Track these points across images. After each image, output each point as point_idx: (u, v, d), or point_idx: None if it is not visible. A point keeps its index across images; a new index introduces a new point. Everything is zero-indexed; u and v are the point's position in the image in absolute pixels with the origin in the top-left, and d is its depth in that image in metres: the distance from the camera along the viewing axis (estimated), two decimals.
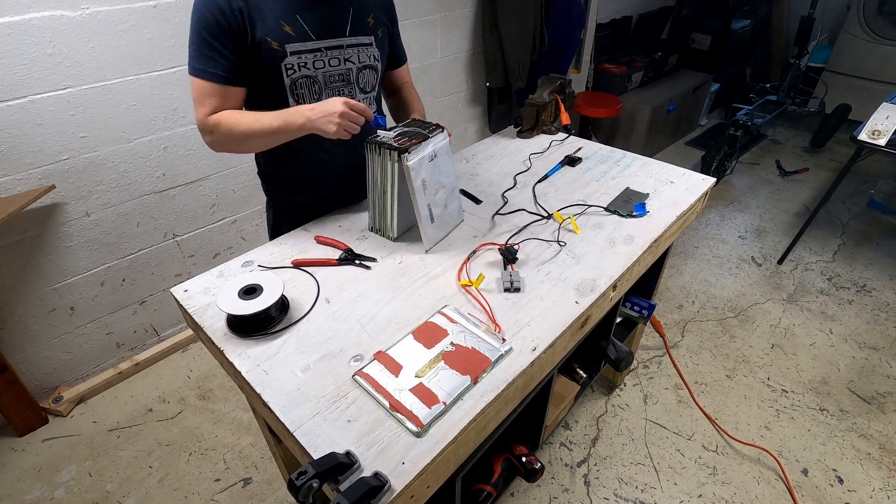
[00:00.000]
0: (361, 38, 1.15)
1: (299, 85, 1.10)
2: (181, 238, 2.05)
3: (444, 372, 0.83)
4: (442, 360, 0.85)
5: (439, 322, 0.93)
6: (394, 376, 0.82)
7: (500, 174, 1.48)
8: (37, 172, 1.62)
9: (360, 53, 1.16)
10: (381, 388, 0.80)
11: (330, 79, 1.14)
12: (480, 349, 0.87)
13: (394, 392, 0.80)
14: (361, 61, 1.17)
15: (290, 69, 1.07)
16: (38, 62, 1.50)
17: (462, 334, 0.90)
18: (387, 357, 0.86)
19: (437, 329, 0.92)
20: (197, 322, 0.98)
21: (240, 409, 1.92)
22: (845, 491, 1.65)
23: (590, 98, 3.34)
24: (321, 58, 1.10)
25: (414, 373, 0.83)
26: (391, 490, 0.68)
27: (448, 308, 0.96)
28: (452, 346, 0.88)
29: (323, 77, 1.12)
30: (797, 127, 4.28)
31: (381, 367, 0.84)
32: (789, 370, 2.08)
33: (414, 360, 0.85)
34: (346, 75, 1.16)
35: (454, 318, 0.94)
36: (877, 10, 3.72)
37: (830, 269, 2.64)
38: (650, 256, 1.23)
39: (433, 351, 0.87)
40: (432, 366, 0.84)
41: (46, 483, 1.68)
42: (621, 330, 1.76)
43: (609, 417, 1.90)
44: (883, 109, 2.34)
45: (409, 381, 0.82)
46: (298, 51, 1.07)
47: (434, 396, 0.79)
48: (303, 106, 1.04)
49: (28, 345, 1.82)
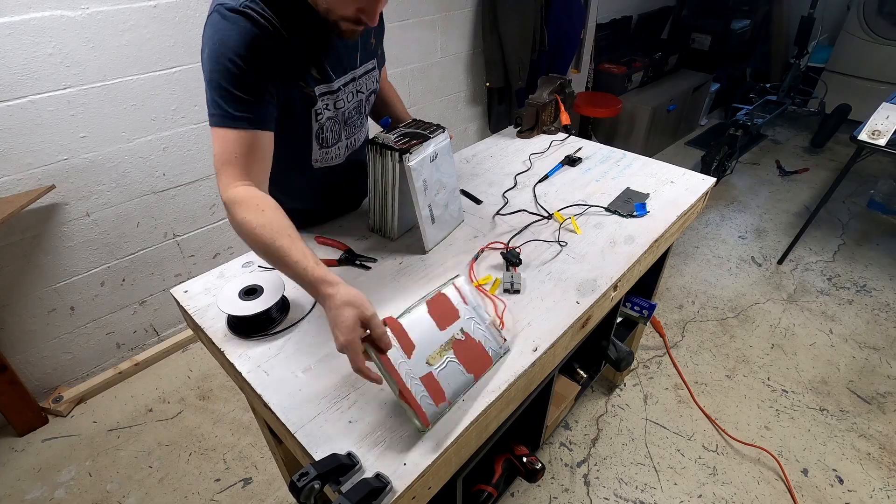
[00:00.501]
0: (367, 64, 1.13)
1: (325, 128, 1.07)
2: (181, 238, 2.05)
3: (453, 364, 0.81)
4: (452, 348, 0.82)
5: (451, 296, 0.87)
6: (406, 356, 0.77)
7: (501, 174, 1.48)
8: (37, 172, 1.62)
9: (368, 80, 1.15)
10: (393, 369, 0.75)
11: (348, 115, 1.12)
12: (486, 346, 0.86)
13: (405, 377, 0.75)
14: (369, 88, 1.16)
15: (318, 115, 1.04)
16: (39, 62, 1.50)
17: (471, 321, 0.87)
18: (399, 327, 0.79)
19: (448, 305, 0.86)
20: (197, 322, 0.98)
21: (240, 410, 1.92)
22: (845, 491, 1.65)
23: (590, 98, 3.34)
24: (341, 96, 1.07)
25: (425, 358, 0.79)
26: (393, 491, 0.68)
27: (460, 279, 0.89)
28: (462, 333, 0.85)
29: (343, 115, 1.10)
30: (797, 127, 4.28)
31: (392, 338, 0.77)
32: (789, 370, 2.08)
33: (426, 341, 0.80)
34: (359, 106, 1.15)
35: (466, 296, 0.88)
36: (877, 10, 3.72)
37: (830, 269, 2.64)
38: (650, 256, 1.23)
39: (445, 335, 0.83)
40: (443, 353, 0.81)
41: (46, 483, 1.68)
42: (621, 330, 1.76)
43: (609, 417, 1.90)
44: (883, 109, 2.34)
45: (420, 367, 0.78)
46: (324, 92, 1.02)
47: (441, 392, 0.78)
48: (326, 288, 0.77)
49: (28, 345, 1.82)
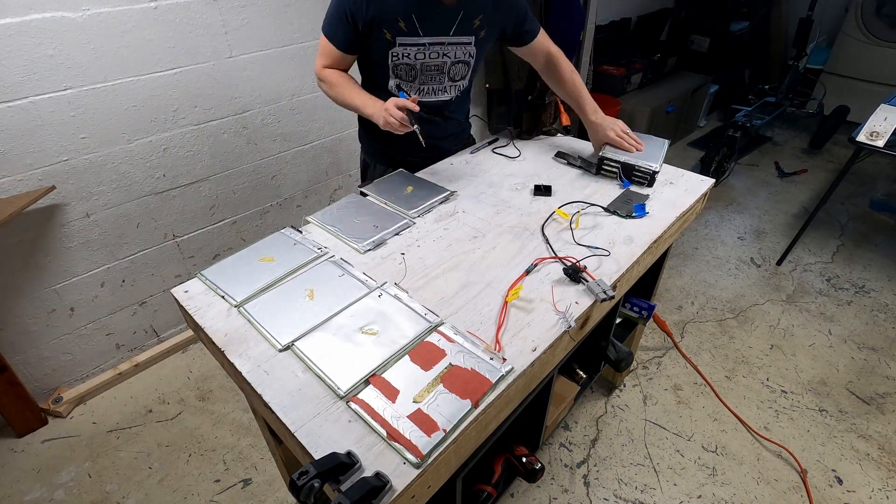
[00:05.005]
0: (462, 37, 1.33)
1: (399, 68, 1.35)
2: (181, 239, 2.06)
3: (444, 396, 0.79)
4: (441, 382, 0.81)
5: (436, 342, 0.89)
6: (390, 402, 0.78)
7: (501, 175, 1.49)
8: (37, 173, 1.62)
9: (458, 50, 1.35)
10: (378, 416, 0.76)
11: (426, 67, 1.36)
12: (480, 370, 0.83)
13: (391, 419, 0.75)
14: (457, 57, 1.37)
15: (395, 56, 1.31)
16: (39, 63, 1.51)
17: (461, 354, 0.86)
18: (382, 381, 0.82)
19: (434, 349, 0.87)
20: (197, 323, 0.98)
21: (239, 410, 1.92)
22: (844, 491, 1.65)
23: None
24: (423, 51, 1.32)
25: (412, 398, 0.79)
26: (392, 490, 0.68)
27: (445, 326, 0.93)
28: (450, 367, 0.84)
29: (420, 66, 1.35)
30: (796, 128, 4.29)
31: (376, 392, 0.80)
32: (788, 371, 2.08)
33: (411, 384, 0.81)
34: (441, 66, 1.37)
35: (452, 338, 0.90)
36: (875, 12, 3.73)
37: (829, 270, 2.64)
38: (650, 257, 1.23)
39: (431, 373, 0.83)
40: (431, 389, 0.80)
41: (46, 484, 1.68)
42: (621, 331, 1.76)
43: (609, 418, 1.90)
44: (881, 111, 2.35)
45: (406, 407, 0.78)
46: (406, 43, 1.29)
47: (433, 423, 0.75)
48: (376, 101, 1.28)
49: (28, 346, 1.82)
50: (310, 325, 0.94)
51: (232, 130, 2.01)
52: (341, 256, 1.13)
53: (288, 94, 2.11)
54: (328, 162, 2.40)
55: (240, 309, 0.99)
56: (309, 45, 2.07)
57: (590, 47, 3.44)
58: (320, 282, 1.05)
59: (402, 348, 0.88)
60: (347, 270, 1.08)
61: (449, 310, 0.98)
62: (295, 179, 2.32)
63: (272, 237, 1.20)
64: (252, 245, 1.17)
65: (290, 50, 2.03)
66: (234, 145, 2.04)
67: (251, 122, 2.05)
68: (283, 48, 2.01)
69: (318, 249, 1.15)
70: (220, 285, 1.04)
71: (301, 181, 2.35)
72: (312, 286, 1.04)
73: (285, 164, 2.25)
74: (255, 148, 2.11)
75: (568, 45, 3.06)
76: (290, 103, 2.14)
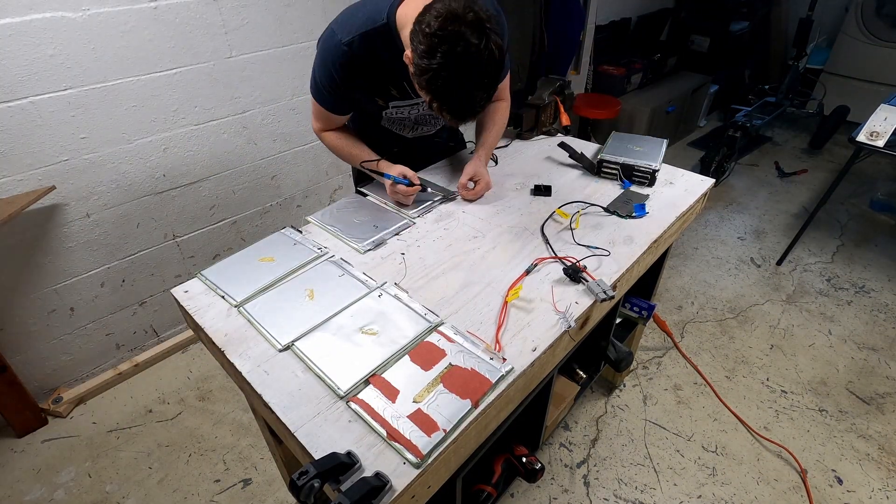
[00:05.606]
0: None
1: (393, 121, 1.37)
2: (181, 239, 2.06)
3: (444, 396, 0.79)
4: (441, 382, 0.81)
5: (436, 342, 0.89)
6: (390, 402, 0.79)
7: (501, 175, 1.49)
8: (37, 173, 1.62)
9: None
10: (378, 416, 0.77)
11: (421, 118, 1.38)
12: (480, 370, 0.84)
13: (391, 419, 0.76)
14: None
15: (388, 114, 1.31)
16: (39, 63, 1.50)
17: (461, 354, 0.87)
18: (382, 381, 0.82)
19: (434, 349, 0.88)
20: (197, 323, 0.98)
21: (239, 410, 1.92)
22: (844, 491, 1.65)
23: (589, 99, 3.35)
24: (417, 108, 1.31)
25: (412, 398, 0.79)
26: (392, 490, 0.68)
27: (445, 326, 0.93)
28: (450, 367, 0.84)
29: (415, 118, 1.37)
30: (796, 128, 4.29)
31: (376, 392, 0.81)
32: (788, 371, 2.08)
33: (411, 384, 0.81)
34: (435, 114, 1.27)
35: (452, 338, 0.90)
36: (875, 12, 3.73)
37: (829, 270, 2.64)
38: (650, 257, 1.23)
39: (431, 373, 0.83)
40: (431, 389, 0.80)
41: (46, 484, 1.68)
42: (621, 330, 1.76)
43: (609, 418, 1.90)
44: (881, 111, 2.35)
45: (406, 407, 0.78)
46: (399, 105, 1.27)
47: (433, 423, 0.75)
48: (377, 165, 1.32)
49: (28, 346, 1.82)
50: (310, 325, 0.94)
51: (232, 130, 2.01)
52: (341, 256, 1.14)
53: (288, 93, 2.11)
54: (328, 162, 2.40)
55: (240, 309, 0.99)
56: (309, 45, 2.07)
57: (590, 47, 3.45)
58: (320, 282, 1.05)
59: (402, 348, 0.88)
60: (347, 270, 1.08)
61: (449, 310, 0.98)
62: (295, 179, 2.32)
63: (272, 237, 1.20)
64: (252, 245, 1.17)
65: (290, 50, 2.03)
66: (233, 145, 2.04)
67: (251, 121, 2.05)
68: (283, 48, 2.01)
69: (318, 249, 1.15)
70: (220, 285, 1.05)
71: (301, 181, 2.35)
72: (312, 286, 1.04)
73: (285, 164, 2.25)
74: (255, 148, 2.11)
75: (568, 45, 3.06)
76: (290, 103, 2.14)
